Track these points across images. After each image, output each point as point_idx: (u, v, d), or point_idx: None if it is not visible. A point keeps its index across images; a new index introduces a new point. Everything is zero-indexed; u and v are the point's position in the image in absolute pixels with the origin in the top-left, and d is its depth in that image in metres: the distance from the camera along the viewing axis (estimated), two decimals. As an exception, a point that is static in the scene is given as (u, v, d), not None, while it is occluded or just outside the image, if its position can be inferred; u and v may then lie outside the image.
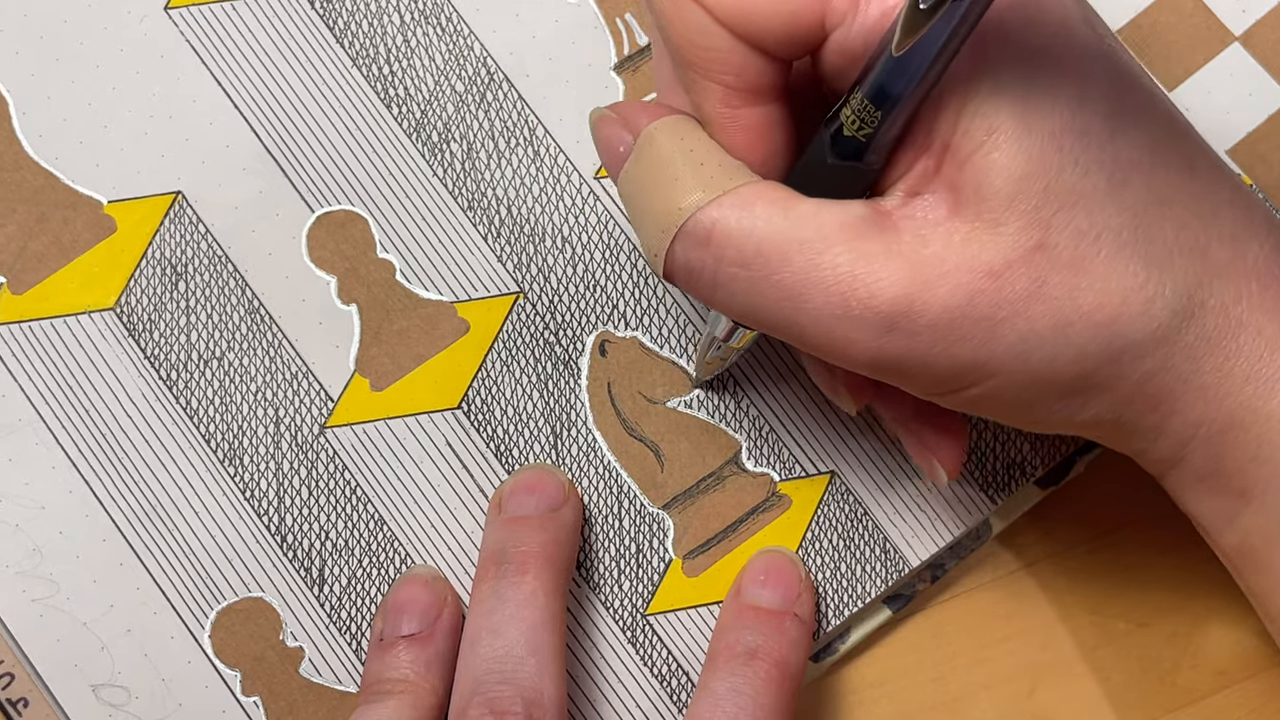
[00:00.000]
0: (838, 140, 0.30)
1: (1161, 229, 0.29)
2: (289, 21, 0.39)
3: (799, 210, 0.29)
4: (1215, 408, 0.30)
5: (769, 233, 0.29)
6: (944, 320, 0.29)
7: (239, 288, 0.38)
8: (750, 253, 0.29)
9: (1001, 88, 0.28)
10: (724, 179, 0.30)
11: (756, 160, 0.31)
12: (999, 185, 0.28)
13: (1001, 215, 0.29)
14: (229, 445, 0.37)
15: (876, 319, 0.29)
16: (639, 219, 0.31)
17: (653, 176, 0.31)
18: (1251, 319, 0.30)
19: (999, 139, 0.28)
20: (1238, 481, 0.31)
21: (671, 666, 0.37)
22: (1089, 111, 0.29)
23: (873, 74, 0.28)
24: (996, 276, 0.28)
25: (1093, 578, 0.39)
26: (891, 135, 0.29)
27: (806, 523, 0.38)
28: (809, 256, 0.29)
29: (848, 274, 0.29)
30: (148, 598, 0.37)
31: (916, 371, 0.30)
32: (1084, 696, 0.38)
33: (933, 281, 0.28)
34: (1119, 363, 0.29)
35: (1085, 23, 0.30)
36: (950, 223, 0.29)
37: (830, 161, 0.30)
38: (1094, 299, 0.29)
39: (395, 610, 0.36)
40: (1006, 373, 0.29)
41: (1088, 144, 0.29)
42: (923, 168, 0.30)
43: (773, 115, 0.31)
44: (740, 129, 0.31)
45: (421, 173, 0.39)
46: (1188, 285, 0.29)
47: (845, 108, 0.29)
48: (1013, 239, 0.29)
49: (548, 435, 0.38)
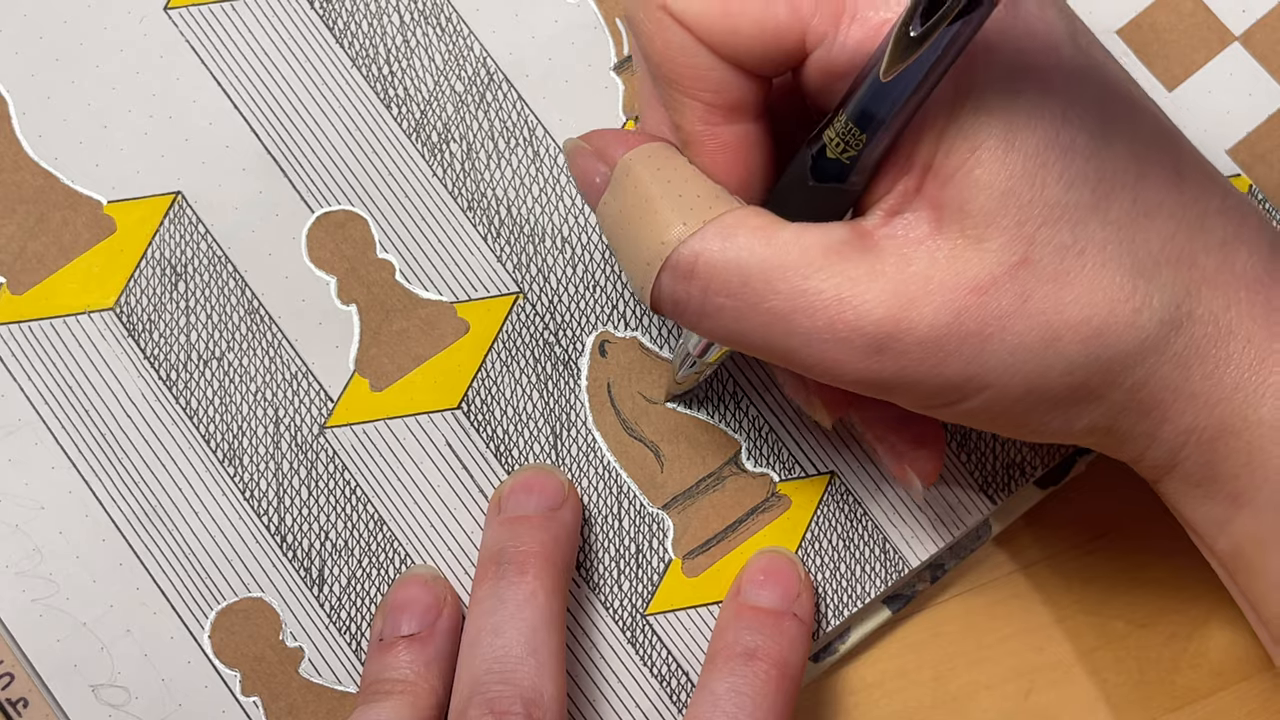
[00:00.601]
0: (820, 162, 0.30)
1: (1148, 240, 0.29)
2: (289, 22, 0.39)
3: (782, 237, 0.29)
4: (1206, 415, 0.30)
5: (753, 261, 0.29)
6: (932, 338, 0.29)
7: (239, 288, 0.38)
8: (736, 283, 0.29)
9: (985, 107, 0.28)
10: (704, 208, 0.30)
11: (735, 180, 0.31)
12: (982, 202, 0.28)
13: (985, 231, 0.29)
14: (229, 445, 0.37)
15: (865, 340, 0.29)
16: (622, 251, 0.31)
17: (632, 209, 0.31)
18: (1241, 327, 0.30)
19: (982, 156, 0.28)
20: (1230, 488, 0.31)
21: (671, 666, 0.37)
22: (1073, 127, 0.29)
23: (857, 97, 0.28)
24: (982, 292, 0.29)
25: (1092, 578, 0.39)
26: (875, 157, 0.29)
27: (806, 523, 0.38)
28: (794, 283, 0.29)
29: (834, 298, 0.29)
30: (147, 598, 0.37)
31: (908, 388, 0.30)
32: (1083, 697, 0.38)
33: (919, 300, 0.29)
34: (1109, 373, 0.29)
35: (1071, 39, 0.30)
36: (933, 240, 0.29)
37: (811, 184, 0.30)
38: (1080, 311, 0.29)
39: (395, 610, 0.36)
40: (998, 386, 0.29)
41: (1072, 159, 0.29)
42: (904, 187, 0.30)
43: (752, 133, 0.31)
44: (719, 146, 0.31)
45: (421, 173, 0.39)
46: (1175, 295, 0.29)
47: (829, 130, 0.29)
48: (997, 255, 0.29)
49: (547, 435, 0.38)
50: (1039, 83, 0.29)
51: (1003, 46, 0.29)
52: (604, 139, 0.32)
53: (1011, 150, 0.28)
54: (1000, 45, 0.29)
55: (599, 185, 0.32)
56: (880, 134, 0.28)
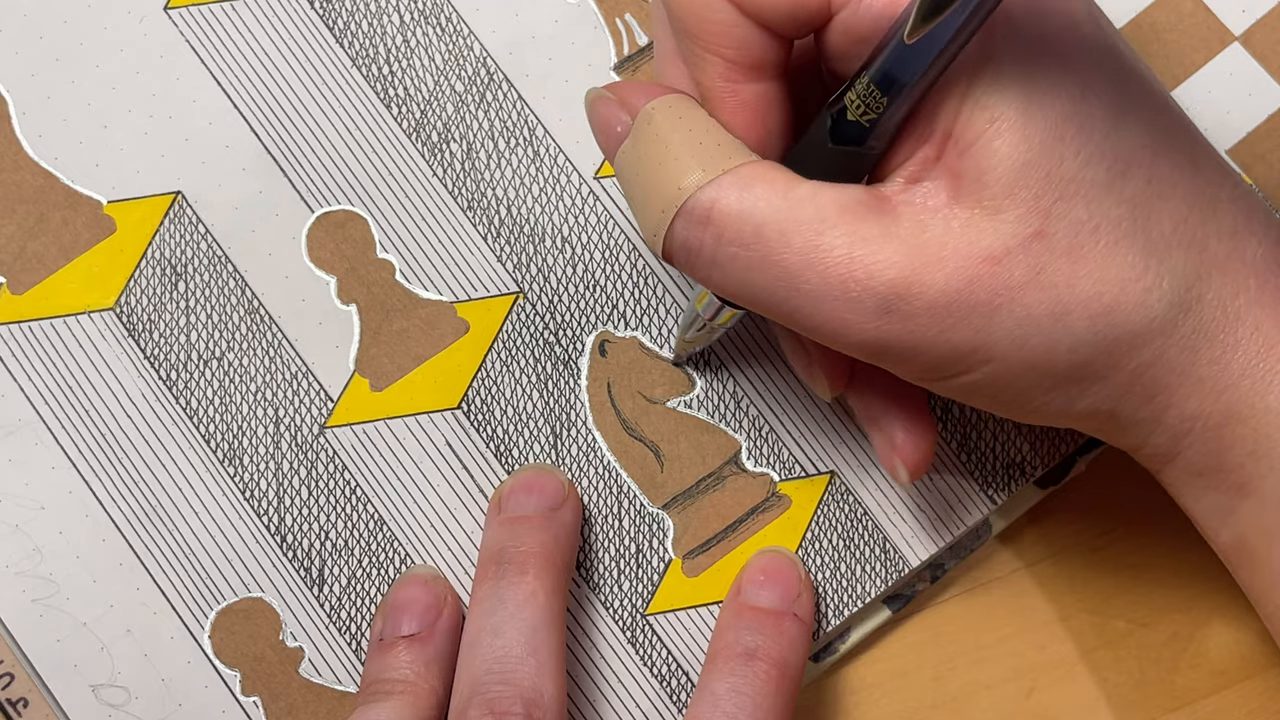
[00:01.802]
0: (840, 124, 0.30)
1: (1160, 221, 0.30)
2: (289, 21, 0.39)
3: (798, 192, 0.29)
4: (1212, 401, 0.30)
5: (768, 213, 0.29)
6: (941, 303, 0.29)
7: (239, 288, 0.38)
8: (749, 233, 0.29)
9: (1005, 78, 0.29)
10: (723, 158, 0.30)
11: (754, 138, 0.31)
12: (1000, 173, 0.29)
13: (1002, 203, 0.29)
14: (229, 445, 0.37)
15: (874, 300, 0.29)
16: (637, 198, 0.31)
17: (651, 156, 0.31)
18: (1249, 314, 0.30)
19: (1001, 127, 0.28)
20: (1235, 477, 0.31)
21: (671, 666, 0.37)
22: (1091, 103, 0.29)
23: (880, 59, 0.28)
24: (995, 262, 0.29)
25: (1092, 578, 0.39)
26: (895, 121, 0.29)
27: (806, 523, 0.38)
28: (808, 238, 0.29)
29: (845, 255, 0.29)
30: (147, 598, 0.37)
31: (912, 355, 0.30)
32: (1083, 696, 0.38)
33: (931, 265, 0.29)
34: (1115, 352, 0.29)
35: (1090, 17, 0.30)
36: (950, 209, 0.29)
37: (830, 146, 0.30)
38: (1091, 288, 0.29)
39: (395, 610, 0.36)
40: (1002, 359, 0.29)
41: (1089, 135, 0.29)
42: (923, 155, 0.30)
43: (772, 93, 0.31)
44: (739, 105, 0.31)
45: (421, 173, 0.39)
46: (1185, 278, 0.30)
47: (850, 92, 0.29)
48: (1012, 226, 0.29)
49: (547, 435, 0.38)
50: (1058, 58, 0.29)
51: (1023, 20, 0.29)
52: (628, 89, 0.32)
53: (1030, 123, 0.28)
54: (1021, 19, 0.29)
55: (620, 134, 0.32)
56: (901, 98, 0.29)
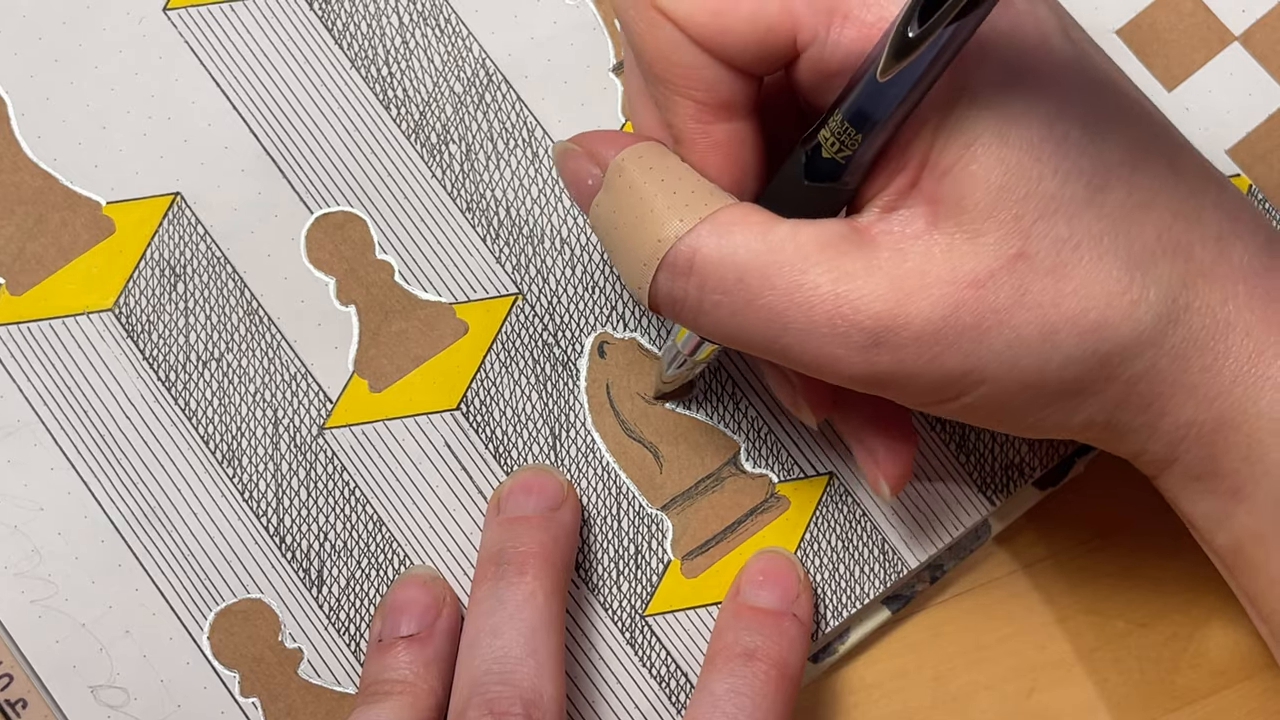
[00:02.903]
0: (815, 161, 0.29)
1: (1143, 232, 0.29)
2: (288, 23, 0.39)
3: (777, 232, 0.29)
4: (1205, 408, 0.30)
5: (749, 257, 0.29)
6: (929, 332, 0.29)
7: (238, 289, 0.38)
8: (732, 279, 0.29)
9: (979, 103, 0.28)
10: (699, 205, 0.30)
11: (728, 179, 0.31)
12: (978, 197, 0.29)
13: (981, 226, 0.29)
14: (228, 446, 0.37)
15: (862, 335, 0.29)
16: (617, 252, 0.31)
17: (626, 208, 0.31)
18: (1239, 319, 0.30)
19: (977, 152, 0.28)
20: (1229, 482, 0.31)
21: (670, 667, 0.37)
22: (1067, 121, 0.29)
23: (853, 97, 0.28)
24: (979, 286, 0.29)
25: (1092, 578, 0.39)
26: (869, 157, 0.29)
27: (805, 523, 0.38)
28: (791, 278, 0.29)
29: (830, 293, 0.29)
30: (146, 599, 0.37)
31: (906, 383, 0.30)
32: (1083, 697, 0.38)
33: (915, 294, 0.29)
34: (1107, 366, 0.29)
35: (1062, 33, 0.30)
36: (930, 235, 0.29)
37: (806, 183, 0.30)
38: (1078, 304, 0.29)
39: (394, 611, 0.36)
40: (995, 380, 0.29)
41: (1066, 152, 0.29)
42: (899, 183, 0.30)
43: (744, 132, 0.31)
44: (711, 145, 0.31)
45: (420, 174, 0.39)
46: (1172, 288, 0.30)
47: (823, 129, 0.29)
48: (993, 249, 0.29)
49: (546, 436, 0.38)
50: (1032, 78, 0.29)
51: (995, 43, 0.29)
52: (594, 140, 0.32)
53: (1006, 145, 0.28)
54: (993, 42, 0.29)
55: (591, 187, 0.32)
56: (876, 134, 0.28)
